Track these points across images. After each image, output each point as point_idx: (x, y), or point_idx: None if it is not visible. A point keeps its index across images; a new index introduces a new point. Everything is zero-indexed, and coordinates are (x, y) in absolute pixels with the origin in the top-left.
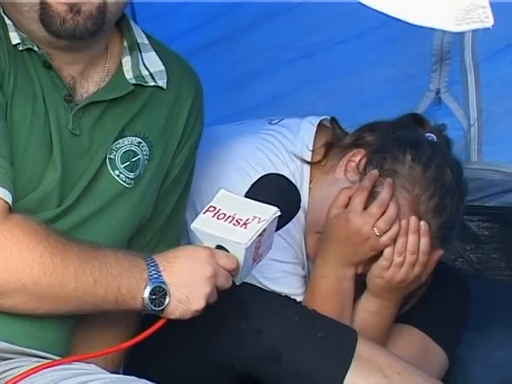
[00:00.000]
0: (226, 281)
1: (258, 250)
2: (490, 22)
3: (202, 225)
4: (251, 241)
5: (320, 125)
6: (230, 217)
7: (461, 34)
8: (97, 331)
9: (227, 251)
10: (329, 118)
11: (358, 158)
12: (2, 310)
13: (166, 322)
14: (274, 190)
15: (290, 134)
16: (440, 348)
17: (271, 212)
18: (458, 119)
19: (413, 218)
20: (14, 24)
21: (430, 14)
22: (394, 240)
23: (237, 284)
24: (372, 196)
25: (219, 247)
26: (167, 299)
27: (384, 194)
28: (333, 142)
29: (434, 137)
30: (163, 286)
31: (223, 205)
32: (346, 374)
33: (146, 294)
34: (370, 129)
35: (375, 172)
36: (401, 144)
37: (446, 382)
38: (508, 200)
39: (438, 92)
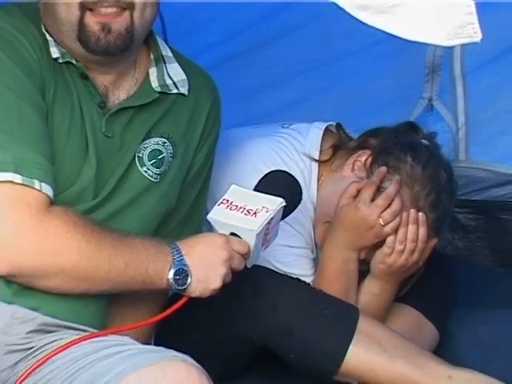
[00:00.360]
0: (239, 263)
1: (266, 236)
2: (478, 37)
3: (217, 215)
4: (260, 228)
5: (326, 129)
6: (241, 208)
7: (451, 49)
8: (129, 307)
9: (240, 237)
10: (334, 123)
11: (363, 158)
12: (46, 289)
13: (188, 299)
14: (279, 183)
15: (300, 137)
16: (432, 324)
17: (277, 203)
18: (447, 123)
19: (413, 211)
20: (54, 40)
21: (423, 31)
22: (396, 230)
23: (248, 266)
24: (378, 190)
25: (233, 234)
26: (189, 279)
27: (391, 189)
28: (339, 144)
29: (427, 142)
30: (185, 268)
31: (235, 197)
32: (349, 346)
33: (171, 275)
34: (373, 133)
35: (384, 169)
36: (402, 147)
37: (437, 354)
38: (492, 195)
39: (430, 100)
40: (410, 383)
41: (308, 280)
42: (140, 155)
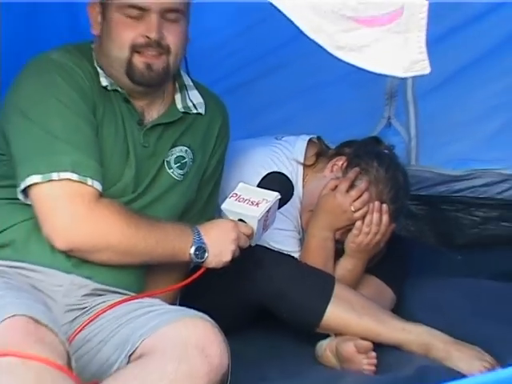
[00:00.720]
0: (245, 242)
1: (265, 222)
2: (427, 71)
3: (229, 205)
4: (261, 215)
5: (310, 140)
6: (246, 200)
7: (404, 79)
8: (160, 277)
9: (245, 223)
10: (316, 136)
11: (340, 162)
12: (97, 262)
13: (205, 270)
14: (276, 182)
15: (290, 146)
16: (390, 290)
17: (274, 196)
18: (402, 137)
19: (377, 203)
20: (104, 72)
21: (385, 65)
22: (364, 216)
23: (252, 245)
24: (351, 186)
25: (240, 220)
26: (206, 254)
27: (362, 185)
28: (320, 152)
29: (388, 152)
30: (203, 245)
31: (242, 192)
32: (327, 306)
33: (192, 250)
34: (348, 144)
35: (357, 169)
36: (370, 155)
37: (394, 313)
38: (436, 191)
39: (389, 119)
40: (373, 334)
41: (295, 255)
42: (168, 160)
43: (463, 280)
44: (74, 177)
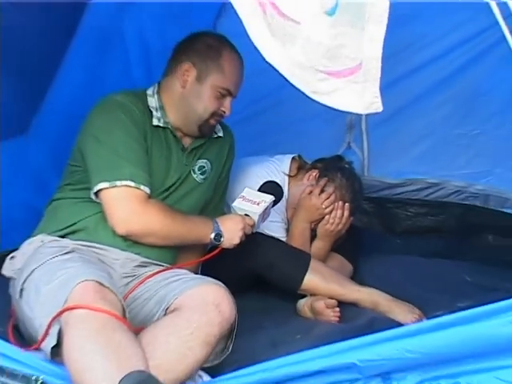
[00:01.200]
0: (248, 230)
1: (263, 216)
2: (380, 109)
3: (237, 204)
4: (261, 211)
5: (293, 158)
6: (250, 200)
7: (359, 115)
8: (188, 253)
9: (249, 217)
10: (297, 155)
11: (314, 174)
12: (145, 243)
13: (221, 249)
14: (271, 188)
15: (279, 162)
16: (349, 264)
17: (270, 198)
18: (358, 156)
19: (341, 203)
20: (157, 113)
21: (348, 105)
22: (331, 212)
23: (253, 232)
24: (322, 191)
25: (246, 215)
26: (222, 238)
27: (329, 190)
28: (300, 166)
29: (348, 166)
30: (220, 232)
31: (247, 195)
32: (305, 274)
33: (212, 235)
34: (319, 161)
35: (326, 178)
36: (335, 168)
37: (352, 279)
38: (381, 194)
39: (348, 143)
40: (337, 294)
41: (283, 239)
42: (194, 169)
43: (401, 257)
44: (131, 184)
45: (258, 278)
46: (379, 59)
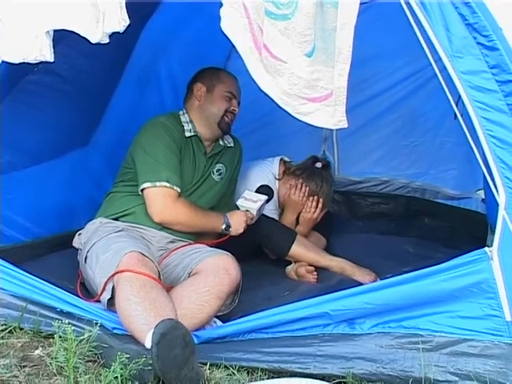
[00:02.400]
0: (249, 222)
1: (260, 210)
2: (346, 125)
3: (241, 202)
4: (258, 207)
5: (281, 159)
6: (250, 200)
7: (332, 130)
8: (206, 236)
9: (249, 211)
10: (284, 157)
11: (293, 180)
12: (174, 229)
13: (229, 236)
14: (265, 190)
15: (271, 164)
16: (324, 239)
17: (264, 198)
18: (331, 160)
19: (316, 198)
20: (189, 126)
21: (322, 123)
22: (310, 204)
23: (253, 222)
24: (301, 190)
25: (247, 210)
26: (230, 228)
27: (307, 189)
28: (285, 170)
29: (323, 167)
30: (229, 224)
31: (248, 195)
32: (292, 244)
33: (223, 226)
34: (298, 167)
35: (300, 181)
36: (312, 173)
37: (327, 251)
38: (348, 188)
39: (324, 151)
40: (314, 261)
41: None
42: (213, 171)
43: (361, 235)
44: (168, 185)
45: (258, 248)
46: (345, 88)
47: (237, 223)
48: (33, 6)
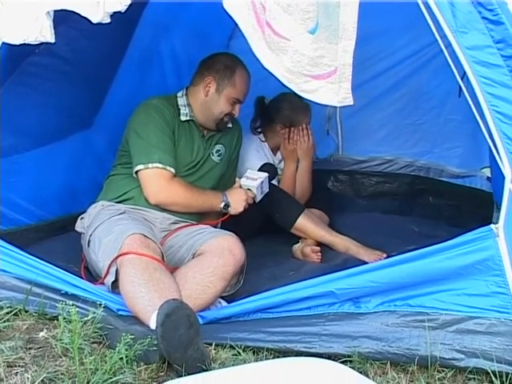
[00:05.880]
0: (251, 201)
1: (262, 189)
2: (352, 102)
3: (242, 182)
4: (258, 185)
5: None
6: (251, 178)
7: (336, 108)
8: (208, 217)
9: (251, 190)
10: None
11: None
12: (170, 210)
13: (229, 216)
14: (267, 168)
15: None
16: (327, 217)
17: (265, 175)
18: (335, 140)
19: (300, 128)
20: (185, 110)
21: (326, 100)
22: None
23: (256, 202)
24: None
25: (248, 189)
26: (230, 207)
27: (291, 135)
28: (254, 129)
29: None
30: (228, 202)
31: (249, 174)
32: (298, 217)
33: (222, 205)
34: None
35: (286, 130)
36: (270, 108)
37: (331, 226)
38: (352, 168)
39: (327, 130)
40: (319, 235)
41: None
42: (212, 151)
43: (366, 214)
44: (160, 165)
45: (262, 228)
46: (351, 65)
47: (236, 202)
48: None
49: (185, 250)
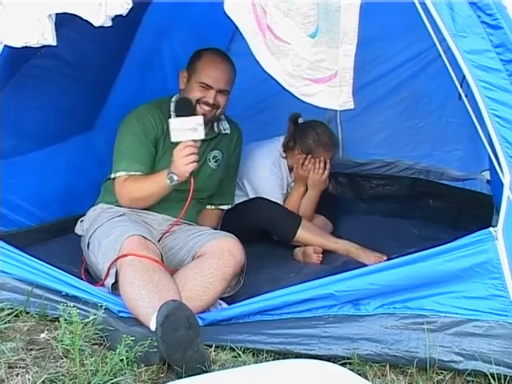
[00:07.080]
0: (193, 149)
1: (196, 131)
2: (352, 107)
3: (175, 138)
4: (203, 135)
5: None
6: (186, 129)
7: (336, 111)
8: (206, 216)
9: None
10: None
11: (297, 156)
12: (137, 207)
13: (192, 189)
14: (184, 105)
15: (277, 143)
16: (330, 223)
17: (200, 118)
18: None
19: (321, 158)
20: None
21: (327, 103)
22: (318, 165)
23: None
24: (303, 163)
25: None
26: (175, 176)
27: (306, 162)
28: (282, 146)
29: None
30: (171, 174)
31: (179, 125)
32: (298, 229)
33: (167, 181)
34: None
35: (303, 156)
36: (300, 129)
37: (332, 234)
38: (353, 170)
39: None
40: (321, 244)
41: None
42: (209, 158)
43: (366, 217)
44: (123, 174)
45: (263, 232)
46: (351, 69)
47: (178, 165)
48: None
49: (185, 252)
